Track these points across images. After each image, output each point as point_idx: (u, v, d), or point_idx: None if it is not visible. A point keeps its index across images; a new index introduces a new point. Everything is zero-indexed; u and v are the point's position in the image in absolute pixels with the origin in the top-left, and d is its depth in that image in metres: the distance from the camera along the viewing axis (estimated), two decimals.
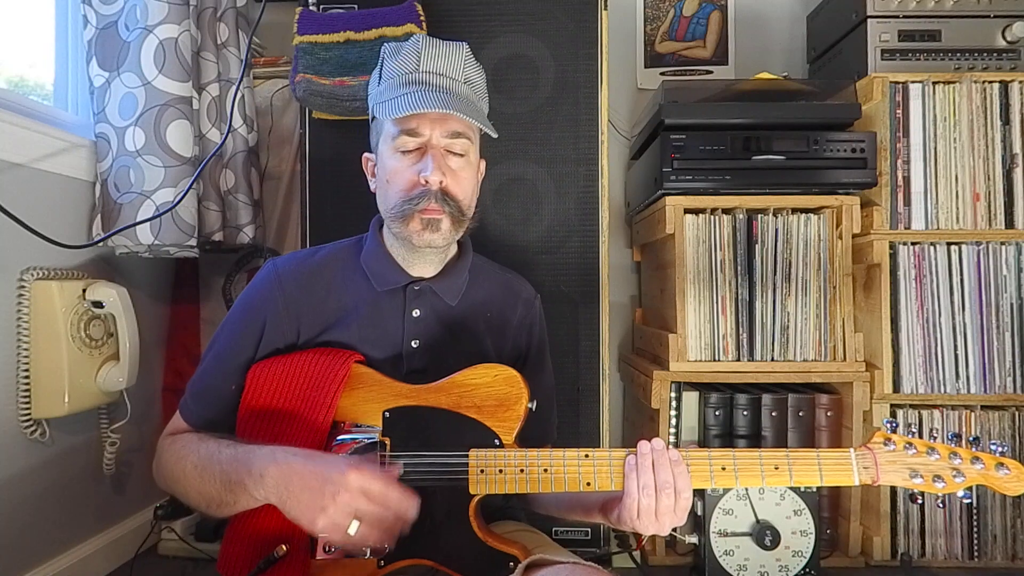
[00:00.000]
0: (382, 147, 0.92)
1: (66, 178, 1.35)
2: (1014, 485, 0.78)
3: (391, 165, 0.90)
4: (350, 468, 0.75)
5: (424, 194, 0.87)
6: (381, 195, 0.94)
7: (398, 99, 0.87)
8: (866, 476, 0.80)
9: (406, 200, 0.88)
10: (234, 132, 1.58)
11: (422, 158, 0.88)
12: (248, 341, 0.92)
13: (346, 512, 0.74)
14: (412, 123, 0.88)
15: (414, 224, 0.88)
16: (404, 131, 0.88)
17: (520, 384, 0.86)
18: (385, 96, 0.90)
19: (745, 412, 1.52)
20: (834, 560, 1.53)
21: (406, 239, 0.90)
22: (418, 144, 0.89)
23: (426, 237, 0.89)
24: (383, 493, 0.75)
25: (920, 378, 1.50)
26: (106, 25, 1.39)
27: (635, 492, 0.78)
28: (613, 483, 0.81)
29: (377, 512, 0.75)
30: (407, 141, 0.89)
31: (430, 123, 0.88)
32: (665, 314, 1.64)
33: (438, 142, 0.89)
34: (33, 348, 1.23)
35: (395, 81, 0.90)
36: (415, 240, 0.89)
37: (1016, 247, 1.50)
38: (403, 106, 0.86)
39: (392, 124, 0.89)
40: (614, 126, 1.99)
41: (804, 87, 1.61)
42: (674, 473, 0.78)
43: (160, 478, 0.91)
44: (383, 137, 0.92)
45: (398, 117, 0.87)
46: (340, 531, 0.74)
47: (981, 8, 1.59)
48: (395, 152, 0.90)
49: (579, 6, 1.51)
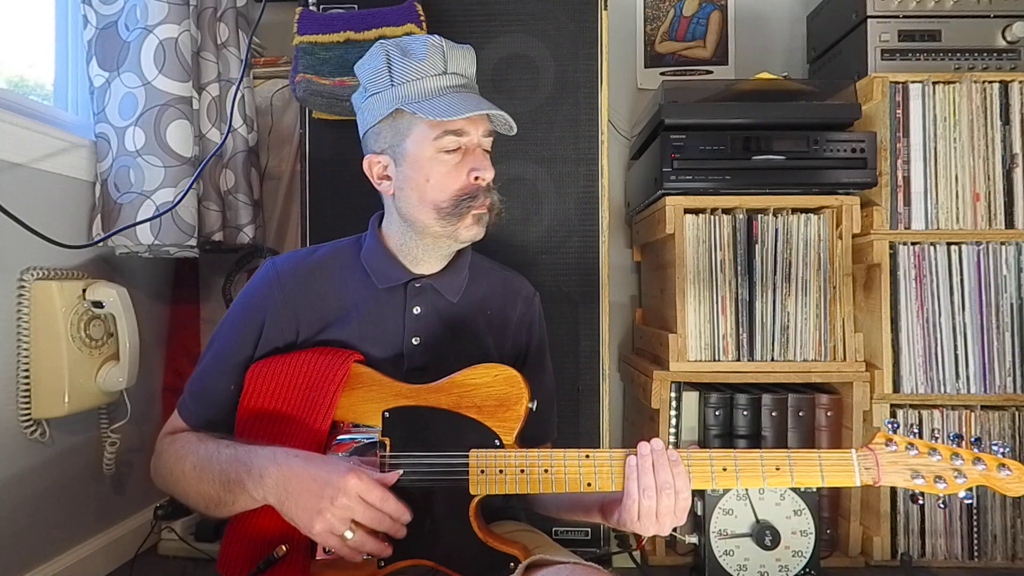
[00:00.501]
0: (414, 148, 0.90)
1: (66, 178, 1.35)
2: (1016, 486, 0.78)
3: (433, 166, 0.90)
4: (350, 472, 0.75)
5: (478, 191, 0.90)
6: (414, 195, 0.91)
7: (443, 100, 0.87)
8: (867, 477, 0.80)
9: (463, 199, 0.90)
10: (234, 132, 1.58)
11: (464, 157, 0.90)
12: (247, 340, 0.92)
13: (343, 517, 0.74)
14: (459, 124, 0.89)
15: (466, 221, 0.91)
16: (449, 132, 0.89)
17: (520, 384, 0.85)
18: (415, 97, 0.88)
19: (745, 412, 1.52)
20: (834, 560, 1.52)
21: (450, 236, 0.92)
22: (460, 144, 0.90)
23: (474, 231, 0.92)
24: (381, 500, 0.76)
25: (920, 378, 1.50)
26: (106, 25, 1.39)
27: (636, 494, 0.78)
28: (614, 484, 0.81)
29: (374, 519, 0.75)
30: (452, 141, 0.89)
31: (473, 124, 0.90)
32: (665, 314, 1.64)
33: (479, 141, 0.92)
34: (33, 348, 1.23)
35: (425, 83, 0.89)
36: (462, 235, 0.91)
37: (1016, 247, 1.50)
38: (457, 108, 0.86)
39: (429, 126, 0.89)
40: (614, 126, 1.99)
41: (804, 87, 1.61)
42: (673, 473, 0.78)
43: (158, 478, 0.91)
44: (414, 138, 0.90)
45: (448, 119, 0.87)
46: (336, 536, 0.75)
47: (981, 8, 1.59)
48: (438, 152, 0.89)
49: (579, 6, 1.51)
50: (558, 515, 0.97)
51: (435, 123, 0.88)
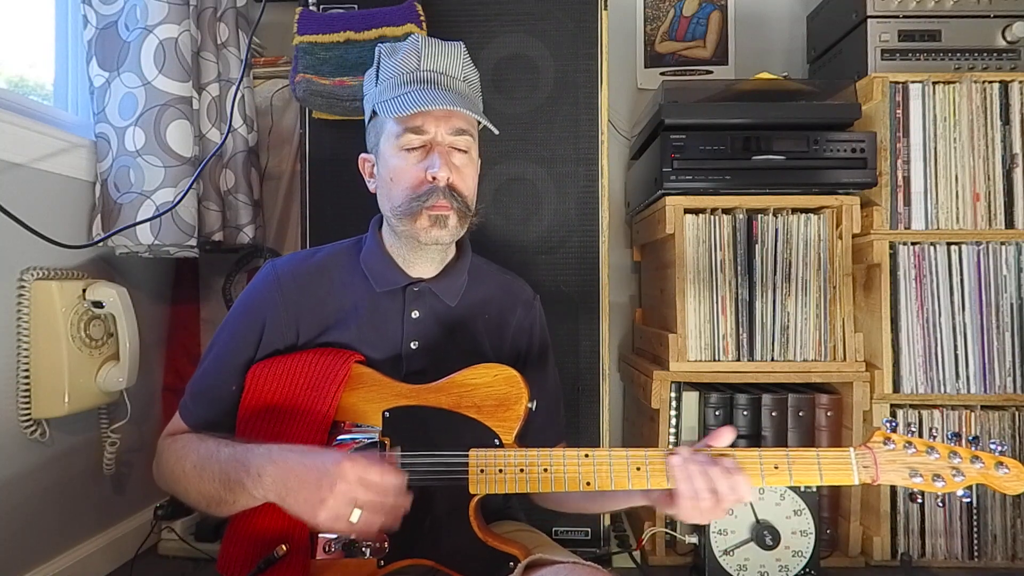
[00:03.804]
0: (384, 146, 0.92)
1: (66, 178, 1.35)
2: (1013, 484, 0.78)
3: (395, 163, 0.90)
4: (344, 459, 0.76)
5: (432, 191, 0.87)
6: (384, 194, 0.93)
7: (402, 97, 0.87)
8: (866, 475, 0.80)
9: (414, 197, 0.88)
10: (234, 132, 1.58)
11: (427, 156, 0.89)
12: (248, 342, 0.92)
13: (346, 501, 0.74)
14: (417, 121, 0.88)
15: (422, 221, 0.88)
16: (409, 129, 0.88)
17: (520, 384, 0.86)
18: (387, 95, 0.90)
19: (745, 412, 1.52)
20: (834, 560, 1.52)
21: (412, 237, 0.90)
22: (422, 142, 0.89)
23: (433, 234, 0.89)
24: (380, 479, 0.76)
25: (920, 378, 1.50)
26: (106, 25, 1.39)
27: (691, 494, 0.79)
28: (613, 483, 0.81)
29: (376, 499, 0.75)
30: (412, 139, 0.88)
31: (435, 121, 0.88)
32: (665, 314, 1.64)
33: (443, 139, 0.89)
34: (33, 348, 1.23)
35: (396, 80, 0.90)
36: (422, 237, 0.89)
37: (1016, 247, 1.50)
38: (408, 104, 0.85)
39: (395, 123, 0.89)
40: (614, 126, 1.99)
41: (804, 87, 1.61)
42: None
43: (160, 478, 0.91)
44: (385, 136, 0.91)
45: (403, 115, 0.86)
46: (343, 521, 0.75)
47: (981, 8, 1.59)
48: (399, 150, 0.89)
49: (579, 6, 1.51)
50: (561, 508, 0.98)
51: (399, 120, 0.88)
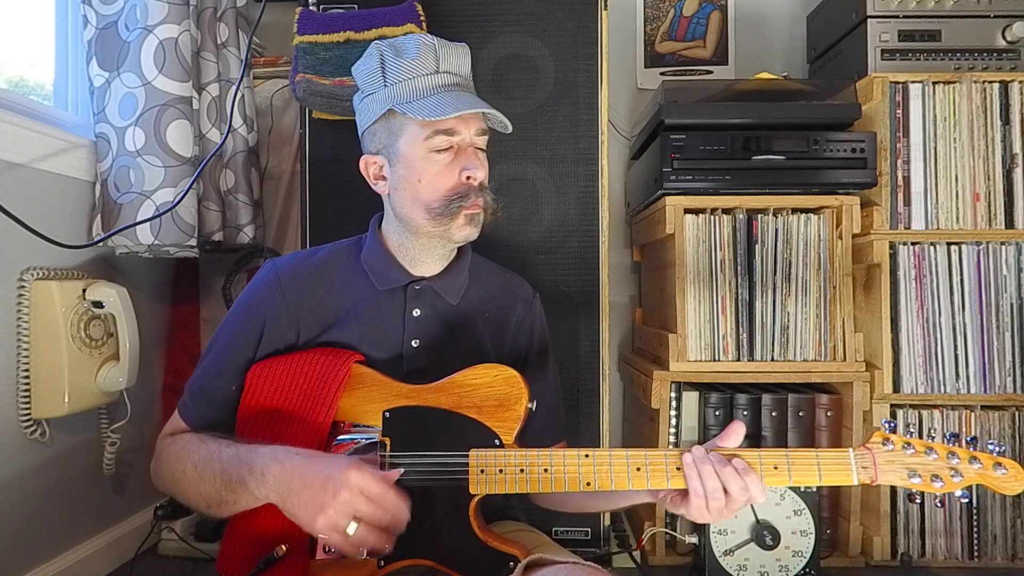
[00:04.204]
0: (406, 148, 0.91)
1: (66, 178, 1.35)
2: (1012, 485, 0.78)
3: (425, 166, 0.90)
4: (351, 467, 0.75)
5: (469, 191, 0.90)
6: (408, 196, 0.92)
7: (436, 100, 0.87)
8: (864, 476, 0.80)
9: (453, 199, 0.89)
10: (234, 132, 1.58)
11: (456, 156, 0.90)
12: (248, 342, 0.92)
13: (345, 512, 0.74)
14: (450, 123, 0.89)
15: (459, 220, 0.90)
16: (440, 131, 0.89)
17: (520, 384, 0.86)
18: (408, 96, 0.89)
19: (745, 412, 1.52)
20: (834, 560, 1.53)
21: (443, 236, 0.92)
22: (452, 143, 0.90)
23: (467, 232, 0.92)
24: (381, 495, 0.75)
25: (920, 378, 1.50)
26: (106, 25, 1.39)
27: (703, 494, 0.79)
28: (613, 483, 0.81)
29: (375, 514, 0.75)
30: (443, 141, 0.89)
31: (465, 123, 0.90)
32: (665, 314, 1.64)
33: (472, 140, 0.91)
34: (33, 348, 1.23)
35: (418, 82, 0.89)
36: (455, 236, 0.91)
37: (1016, 247, 1.50)
38: (446, 107, 0.86)
39: (420, 125, 0.89)
40: (614, 126, 1.99)
41: (804, 87, 1.61)
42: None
43: (159, 479, 0.91)
44: (406, 138, 0.90)
45: (441, 119, 0.87)
46: (339, 531, 0.74)
47: (981, 8, 1.59)
48: (429, 152, 0.89)
49: (579, 6, 1.51)
50: (576, 506, 0.98)
51: (426, 123, 0.88)
